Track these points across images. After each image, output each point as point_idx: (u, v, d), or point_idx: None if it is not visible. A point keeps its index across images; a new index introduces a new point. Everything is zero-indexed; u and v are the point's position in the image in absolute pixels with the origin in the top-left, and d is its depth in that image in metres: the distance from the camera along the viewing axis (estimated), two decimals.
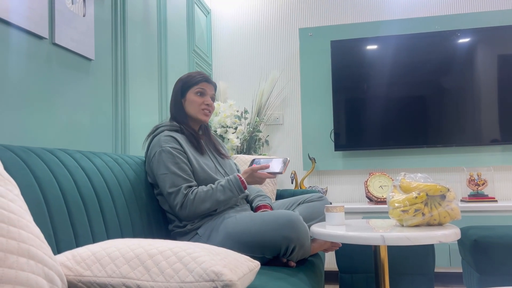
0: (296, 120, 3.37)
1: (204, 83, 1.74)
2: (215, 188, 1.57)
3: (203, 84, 1.74)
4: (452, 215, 1.48)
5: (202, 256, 0.81)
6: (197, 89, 1.73)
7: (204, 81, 1.75)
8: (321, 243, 1.71)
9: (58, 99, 1.57)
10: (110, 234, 1.29)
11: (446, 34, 3.05)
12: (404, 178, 1.55)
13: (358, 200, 3.23)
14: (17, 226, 0.58)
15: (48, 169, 1.13)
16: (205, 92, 1.74)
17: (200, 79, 1.74)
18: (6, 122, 1.32)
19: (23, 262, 0.55)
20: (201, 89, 1.73)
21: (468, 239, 1.96)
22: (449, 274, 2.88)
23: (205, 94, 1.74)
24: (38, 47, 1.47)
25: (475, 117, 2.99)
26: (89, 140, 1.76)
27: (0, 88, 1.30)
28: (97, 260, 0.82)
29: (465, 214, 2.70)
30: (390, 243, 1.34)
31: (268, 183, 2.54)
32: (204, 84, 1.74)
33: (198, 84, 1.74)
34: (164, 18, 2.56)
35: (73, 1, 1.66)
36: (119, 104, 1.99)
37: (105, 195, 1.32)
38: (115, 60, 1.98)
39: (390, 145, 3.09)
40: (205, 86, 1.74)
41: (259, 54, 3.45)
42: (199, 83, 1.73)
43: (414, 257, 2.04)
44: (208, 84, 1.76)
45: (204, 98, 1.73)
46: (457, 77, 3.02)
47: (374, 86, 3.12)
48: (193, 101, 1.73)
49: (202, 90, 1.73)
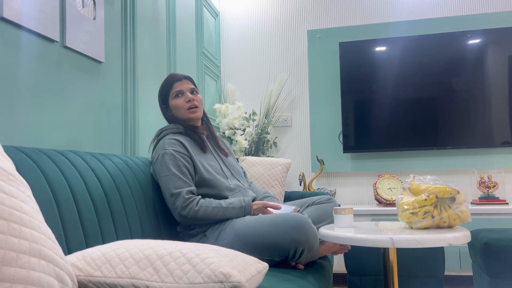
0: (305, 121, 3.36)
1: (175, 84, 1.74)
2: (226, 208, 1.56)
3: (175, 85, 1.74)
4: (462, 218, 1.47)
5: (211, 257, 0.81)
6: (173, 93, 1.74)
7: (175, 81, 1.75)
8: (330, 245, 1.70)
9: (69, 101, 1.59)
10: (120, 235, 1.30)
11: (455, 35, 3.03)
12: (413, 180, 1.54)
13: (367, 202, 3.22)
14: (29, 227, 0.58)
15: (59, 170, 1.15)
16: (181, 90, 1.73)
17: (170, 82, 1.75)
18: (18, 123, 1.34)
19: (34, 262, 0.56)
20: (176, 91, 1.73)
21: (479, 241, 1.94)
22: (459, 277, 2.85)
23: (183, 92, 1.73)
24: (49, 50, 1.49)
25: (486, 119, 2.96)
26: (99, 141, 1.78)
27: (12, 91, 1.32)
28: (107, 261, 0.83)
29: (476, 217, 2.67)
30: (399, 245, 1.33)
31: (277, 185, 2.54)
32: (176, 84, 1.74)
33: (171, 87, 1.74)
34: (173, 20, 2.58)
35: (84, 4, 1.68)
36: (128, 106, 2.01)
37: (115, 196, 1.34)
38: (124, 62, 2.00)
39: (399, 146, 3.07)
40: (178, 85, 1.74)
41: (267, 56, 3.46)
42: (172, 87, 1.74)
43: (423, 259, 2.03)
44: (180, 82, 1.75)
45: (183, 97, 1.73)
46: (467, 78, 3.00)
47: (383, 87, 3.11)
48: (176, 106, 1.73)
49: (178, 90, 1.73)
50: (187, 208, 1.53)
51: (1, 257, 0.52)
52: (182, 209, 1.53)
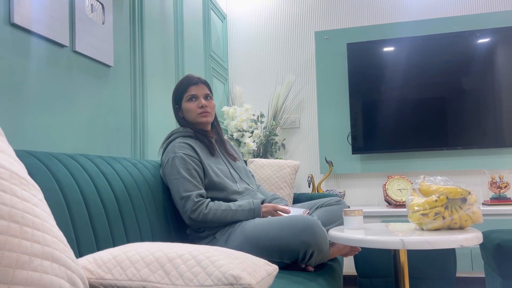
0: (313, 123, 3.36)
1: (191, 87, 1.73)
2: (236, 210, 1.57)
3: (191, 89, 1.73)
4: (473, 219, 1.45)
5: (221, 259, 0.81)
6: (187, 96, 1.73)
7: (191, 84, 1.74)
8: (340, 247, 1.70)
9: (79, 105, 1.61)
10: (130, 238, 1.31)
11: (465, 35, 3.01)
12: (423, 181, 1.53)
13: (376, 203, 3.20)
14: (41, 230, 0.59)
15: (70, 174, 1.16)
16: (196, 95, 1.73)
17: (186, 85, 1.74)
18: (29, 127, 1.35)
19: (47, 265, 0.57)
20: (190, 95, 1.73)
21: (491, 243, 1.92)
22: (471, 279, 2.82)
23: (197, 97, 1.73)
24: (59, 55, 1.51)
25: (497, 118, 2.93)
26: (109, 145, 1.79)
27: (23, 95, 1.34)
28: (117, 264, 0.83)
29: (487, 218, 2.64)
30: (410, 247, 1.32)
31: (285, 187, 2.53)
32: (191, 88, 1.73)
33: (186, 90, 1.74)
34: (181, 24, 2.59)
35: (93, 9, 1.69)
36: (137, 109, 2.02)
37: (125, 199, 1.34)
38: (133, 66, 2.02)
39: (408, 147, 3.05)
40: (194, 89, 1.73)
41: (275, 58, 3.46)
42: (187, 89, 1.73)
43: (435, 261, 2.01)
44: (196, 86, 1.74)
45: (197, 102, 1.72)
46: (477, 78, 2.97)
47: (392, 88, 3.09)
48: (188, 109, 1.73)
49: (192, 94, 1.73)
50: (197, 211, 1.53)
51: (14, 260, 0.52)
52: (192, 212, 1.53)
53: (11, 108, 1.29)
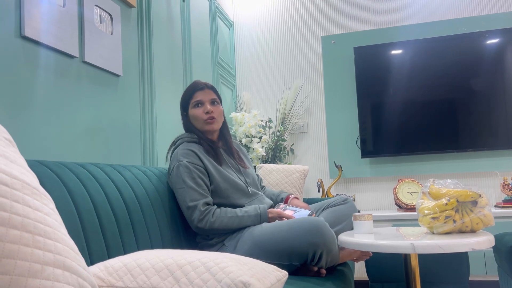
0: (321, 127, 3.35)
1: (197, 93, 1.72)
2: (242, 217, 1.57)
3: (196, 95, 1.72)
4: (485, 222, 1.44)
5: (230, 266, 0.82)
6: (193, 102, 1.72)
7: (197, 90, 1.72)
8: (351, 252, 1.68)
9: (89, 115, 1.63)
10: (140, 245, 1.32)
11: (473, 36, 2.99)
12: (433, 184, 1.52)
13: (387, 207, 3.18)
14: (53, 239, 0.60)
15: (81, 182, 1.17)
16: (201, 101, 1.71)
17: (192, 91, 1.73)
18: (40, 137, 1.37)
19: (59, 274, 0.58)
20: (196, 100, 1.72)
21: (504, 245, 1.89)
22: (485, 282, 2.78)
23: (203, 103, 1.71)
24: (69, 66, 1.53)
25: (508, 120, 2.90)
26: (119, 153, 1.81)
27: (34, 106, 1.36)
28: (128, 271, 0.84)
29: (500, 220, 2.61)
30: (421, 251, 1.31)
31: (295, 192, 2.53)
32: (197, 93, 1.72)
33: (192, 96, 1.73)
34: (188, 32, 2.61)
35: (101, 20, 1.72)
36: (146, 117, 2.04)
37: (135, 207, 1.36)
38: (142, 75, 2.04)
39: (418, 150, 3.03)
40: (199, 95, 1.72)
41: (282, 63, 3.47)
42: (193, 95, 1.72)
43: (447, 265, 1.99)
44: (202, 92, 1.72)
45: (203, 108, 1.71)
46: (486, 79, 2.95)
47: (400, 90, 3.08)
48: (195, 115, 1.72)
49: (198, 100, 1.71)
50: (204, 220, 1.54)
51: (27, 269, 0.53)
52: (199, 222, 1.54)
53: (23, 118, 1.31)
